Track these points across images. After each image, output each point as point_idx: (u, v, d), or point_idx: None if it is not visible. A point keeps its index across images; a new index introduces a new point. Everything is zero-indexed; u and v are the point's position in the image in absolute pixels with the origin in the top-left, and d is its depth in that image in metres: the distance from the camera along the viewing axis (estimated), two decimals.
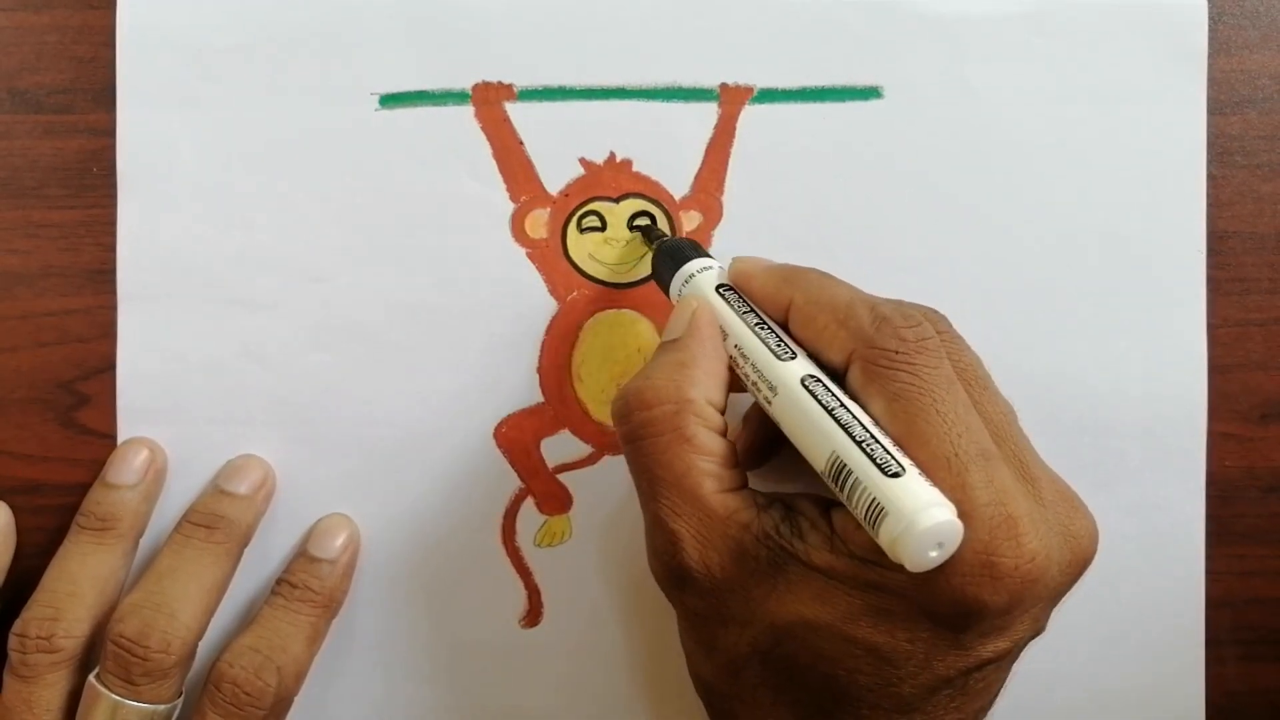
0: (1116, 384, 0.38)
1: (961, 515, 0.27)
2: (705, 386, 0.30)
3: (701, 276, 0.33)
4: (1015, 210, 0.37)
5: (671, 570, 0.30)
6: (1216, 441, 0.38)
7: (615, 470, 0.37)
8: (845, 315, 0.30)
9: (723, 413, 0.31)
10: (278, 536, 0.37)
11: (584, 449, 0.37)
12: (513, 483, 0.37)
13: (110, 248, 0.36)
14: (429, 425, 0.37)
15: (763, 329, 0.31)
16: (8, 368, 0.37)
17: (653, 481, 0.30)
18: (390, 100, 0.37)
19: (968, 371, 0.30)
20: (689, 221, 0.37)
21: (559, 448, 0.37)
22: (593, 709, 0.38)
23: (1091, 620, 0.38)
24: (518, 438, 0.37)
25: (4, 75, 0.36)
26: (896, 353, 0.28)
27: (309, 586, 0.35)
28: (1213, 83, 0.38)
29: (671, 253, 0.34)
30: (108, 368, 0.37)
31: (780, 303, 0.31)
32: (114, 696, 0.33)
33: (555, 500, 0.38)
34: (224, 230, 0.37)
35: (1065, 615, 0.38)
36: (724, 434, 0.31)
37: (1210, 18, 0.37)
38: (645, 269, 0.37)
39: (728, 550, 0.29)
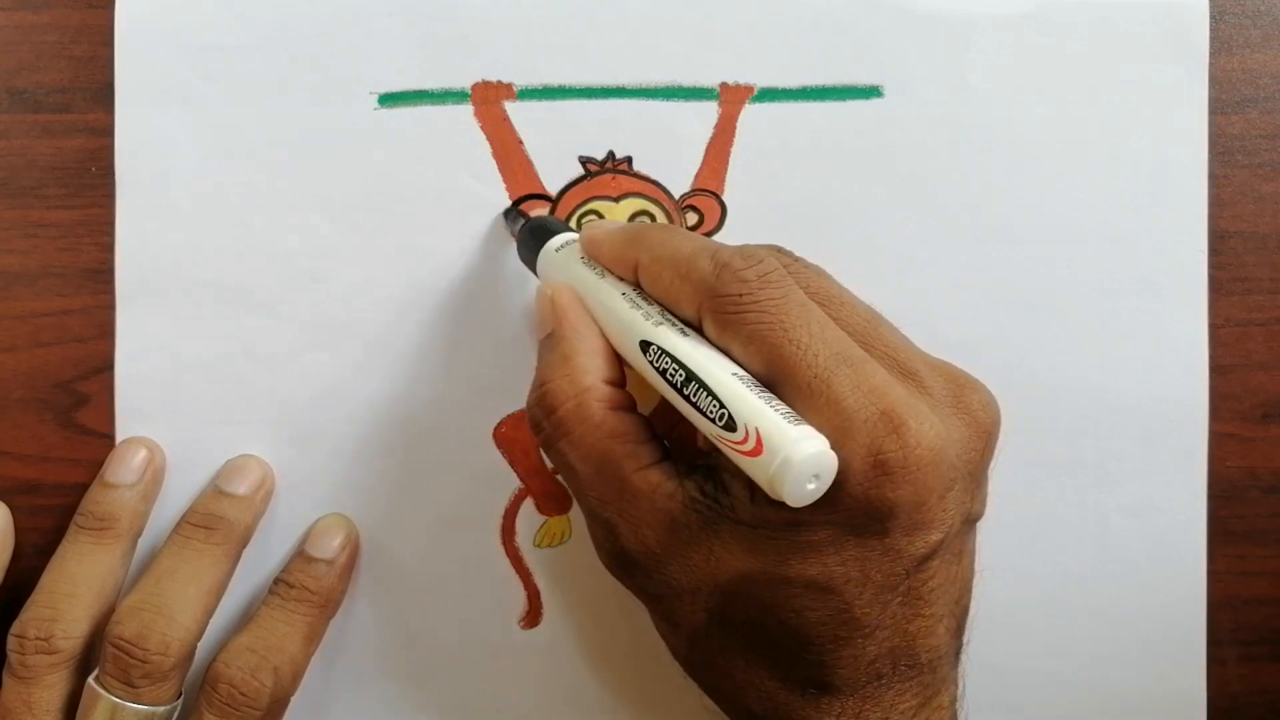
0: (1117, 384, 0.38)
1: (839, 428, 0.27)
2: (595, 369, 0.31)
3: (562, 253, 0.33)
4: (1016, 210, 0.37)
5: (615, 558, 0.31)
6: (1218, 442, 0.38)
7: None
8: (687, 269, 0.30)
9: (623, 385, 0.31)
10: (276, 536, 0.37)
11: None
12: (512, 483, 0.37)
13: (109, 247, 0.36)
14: (429, 425, 0.37)
15: (624, 296, 0.31)
16: (6, 368, 0.37)
17: (576, 477, 0.31)
18: (389, 99, 0.36)
19: (820, 293, 0.30)
20: (688, 221, 0.37)
21: None
22: (592, 709, 0.38)
23: (1092, 620, 0.38)
24: (517, 438, 0.37)
25: (2, 75, 0.36)
26: (741, 296, 0.29)
27: (306, 586, 0.35)
28: (1214, 82, 0.37)
29: (533, 233, 0.34)
30: (106, 367, 0.37)
31: (628, 264, 0.31)
32: (113, 698, 0.33)
33: (555, 500, 0.37)
34: (223, 230, 0.36)
35: (1066, 614, 0.38)
36: (633, 408, 0.31)
37: (1211, 17, 0.37)
38: None
39: (660, 524, 0.29)
